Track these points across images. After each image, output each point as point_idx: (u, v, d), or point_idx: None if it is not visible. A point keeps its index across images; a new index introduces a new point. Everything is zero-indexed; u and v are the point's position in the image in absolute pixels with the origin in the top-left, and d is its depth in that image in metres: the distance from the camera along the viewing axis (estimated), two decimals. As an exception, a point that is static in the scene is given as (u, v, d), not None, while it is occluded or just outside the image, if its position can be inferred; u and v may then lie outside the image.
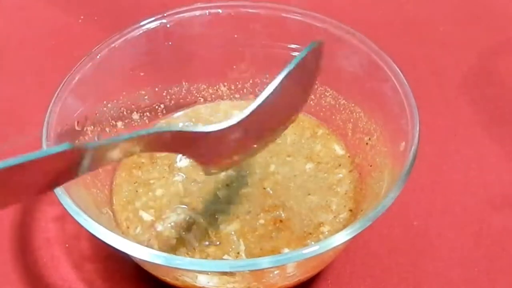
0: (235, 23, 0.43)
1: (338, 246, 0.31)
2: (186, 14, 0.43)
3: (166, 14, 0.43)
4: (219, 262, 0.35)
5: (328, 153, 0.43)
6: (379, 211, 0.31)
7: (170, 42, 0.43)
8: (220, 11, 0.43)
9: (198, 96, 0.47)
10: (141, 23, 0.42)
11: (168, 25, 0.43)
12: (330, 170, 0.42)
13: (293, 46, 0.43)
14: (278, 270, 0.34)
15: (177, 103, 0.46)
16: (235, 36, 0.44)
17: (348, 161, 0.43)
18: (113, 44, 0.41)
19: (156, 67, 0.44)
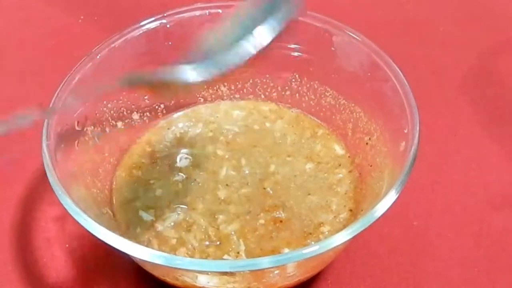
0: (235, 23, 0.43)
1: (338, 246, 0.31)
2: (186, 14, 0.43)
3: (166, 14, 0.43)
4: (219, 262, 0.35)
5: (328, 153, 0.43)
6: (379, 211, 0.31)
7: (170, 42, 0.43)
8: (220, 11, 0.43)
9: (198, 96, 0.47)
10: (141, 23, 0.42)
11: (168, 25, 0.43)
12: (330, 170, 0.42)
13: (293, 46, 0.43)
14: (278, 270, 0.34)
15: (177, 103, 0.46)
16: (235, 36, 0.44)
17: (348, 161, 0.43)
18: (113, 44, 0.41)
19: (156, 67, 0.44)
